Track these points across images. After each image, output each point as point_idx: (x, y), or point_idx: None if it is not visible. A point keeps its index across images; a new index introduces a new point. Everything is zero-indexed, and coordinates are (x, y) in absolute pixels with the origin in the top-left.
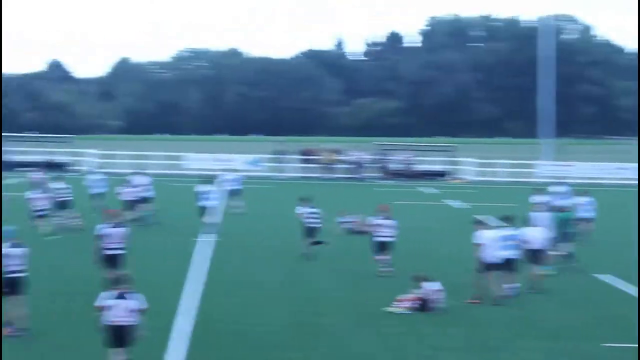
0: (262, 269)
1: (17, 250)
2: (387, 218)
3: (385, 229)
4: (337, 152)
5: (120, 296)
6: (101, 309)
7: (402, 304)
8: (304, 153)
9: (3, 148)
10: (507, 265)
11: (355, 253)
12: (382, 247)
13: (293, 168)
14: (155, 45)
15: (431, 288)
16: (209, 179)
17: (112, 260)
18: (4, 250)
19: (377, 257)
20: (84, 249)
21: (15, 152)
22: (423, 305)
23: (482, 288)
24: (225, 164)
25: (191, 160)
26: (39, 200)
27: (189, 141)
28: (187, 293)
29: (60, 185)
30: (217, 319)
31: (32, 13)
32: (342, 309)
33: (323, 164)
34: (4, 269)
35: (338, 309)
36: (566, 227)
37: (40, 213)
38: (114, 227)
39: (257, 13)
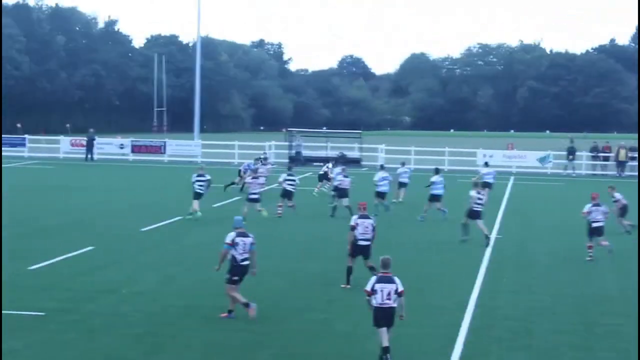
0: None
1: (245, 240)
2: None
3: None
4: (632, 149)
5: (384, 280)
6: (369, 293)
7: None
8: (594, 150)
9: (300, 143)
10: None
11: None
12: None
13: (584, 165)
14: (447, 41)
15: None
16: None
17: (360, 250)
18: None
19: None
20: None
21: (306, 147)
22: None
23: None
24: (516, 161)
25: (481, 157)
26: (254, 185)
27: (480, 137)
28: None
29: (291, 177)
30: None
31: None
32: (627, 307)
33: (616, 161)
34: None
35: (623, 307)
36: None
37: (253, 197)
38: (363, 218)
39: (554, 8)
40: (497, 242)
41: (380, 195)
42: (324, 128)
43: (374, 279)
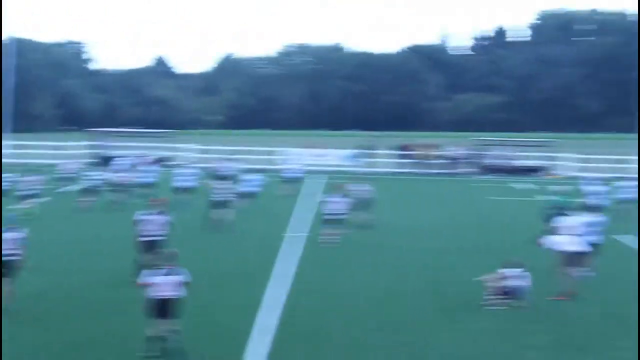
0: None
1: (11, 235)
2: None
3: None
4: (435, 147)
5: (166, 272)
6: (145, 285)
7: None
8: (400, 148)
9: (106, 143)
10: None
11: None
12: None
13: (388, 163)
14: (258, 40)
15: (511, 274)
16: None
17: (149, 246)
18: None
19: None
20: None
21: (115, 147)
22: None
23: (569, 283)
24: (321, 159)
25: (285, 155)
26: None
27: (288, 136)
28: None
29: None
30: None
31: (141, 9)
32: (421, 304)
33: (419, 159)
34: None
35: (419, 304)
36: None
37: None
38: (155, 214)
39: (362, 7)
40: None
41: (179, 190)
42: (132, 128)
43: (154, 271)
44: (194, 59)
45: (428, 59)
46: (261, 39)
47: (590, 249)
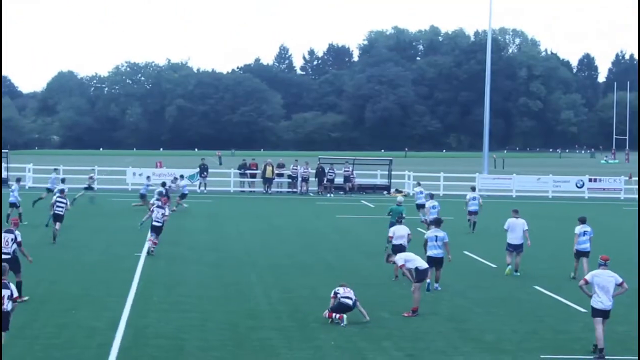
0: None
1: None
2: None
3: None
4: (279, 165)
5: None
6: None
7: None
8: (242, 167)
9: None
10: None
11: None
12: None
13: (232, 182)
14: (95, 59)
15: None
16: None
17: None
18: None
19: None
20: None
21: None
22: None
23: (417, 299)
24: (168, 179)
25: (129, 176)
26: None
27: (131, 155)
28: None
29: None
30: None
31: None
32: (278, 321)
33: (263, 177)
34: None
35: (274, 321)
36: None
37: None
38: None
39: (198, 27)
40: (147, 260)
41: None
42: None
43: None
44: (28, 77)
45: (267, 78)
46: (99, 58)
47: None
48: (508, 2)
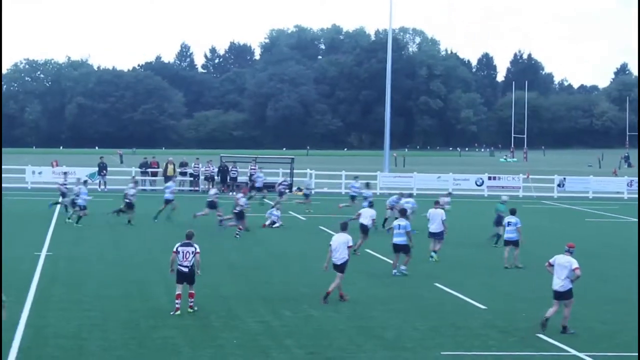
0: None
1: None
2: None
3: None
4: (182, 164)
5: None
6: None
7: None
8: (143, 165)
9: None
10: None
11: None
12: None
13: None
14: None
15: None
16: None
17: None
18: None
19: None
20: None
21: None
22: None
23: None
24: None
25: (29, 174)
26: None
27: (29, 154)
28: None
29: None
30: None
31: None
32: (180, 320)
33: (164, 176)
34: None
35: (176, 320)
36: None
37: None
38: None
39: (100, 23)
40: (47, 259)
41: None
42: None
43: None
44: None
45: (168, 76)
46: None
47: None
48: (408, 2)
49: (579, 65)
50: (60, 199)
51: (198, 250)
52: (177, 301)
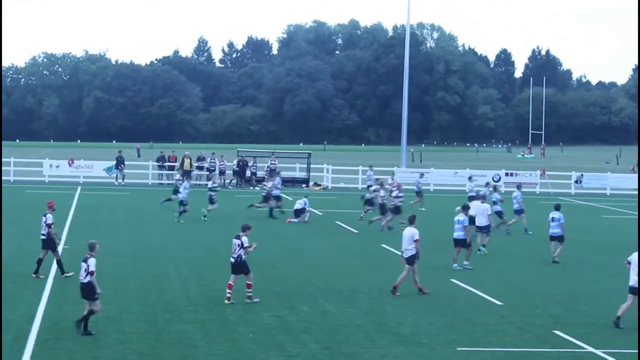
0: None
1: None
2: None
3: None
4: (199, 158)
5: None
6: None
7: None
8: (161, 159)
9: None
10: None
11: None
12: None
13: (150, 175)
14: (12, 50)
15: None
16: None
17: None
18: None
19: None
20: None
21: None
22: None
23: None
24: (83, 171)
25: (46, 168)
26: None
27: (47, 147)
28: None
29: None
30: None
31: None
32: (196, 314)
33: (181, 170)
34: None
35: (192, 314)
36: None
37: None
38: None
39: (117, 18)
40: (64, 252)
41: None
42: None
43: None
44: None
45: (186, 70)
46: (15, 49)
47: None
48: None
49: (597, 62)
50: (172, 196)
51: (245, 245)
52: (227, 290)
